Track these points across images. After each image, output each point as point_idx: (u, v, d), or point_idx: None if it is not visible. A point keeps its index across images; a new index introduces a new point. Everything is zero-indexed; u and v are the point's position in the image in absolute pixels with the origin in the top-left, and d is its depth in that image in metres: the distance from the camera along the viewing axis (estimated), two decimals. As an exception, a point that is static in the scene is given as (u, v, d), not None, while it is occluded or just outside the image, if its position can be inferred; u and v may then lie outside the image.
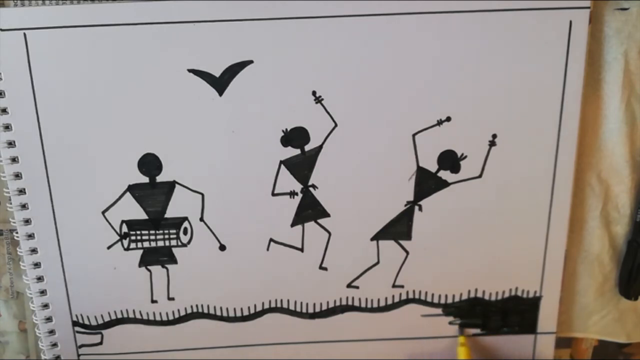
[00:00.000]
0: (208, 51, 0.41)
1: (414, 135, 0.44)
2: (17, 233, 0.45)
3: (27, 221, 0.45)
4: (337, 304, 0.48)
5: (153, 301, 0.47)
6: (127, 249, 0.46)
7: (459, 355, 0.48)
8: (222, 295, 0.47)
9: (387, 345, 0.49)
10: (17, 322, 0.49)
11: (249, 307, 0.48)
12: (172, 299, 0.47)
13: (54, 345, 0.48)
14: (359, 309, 0.48)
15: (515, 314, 0.49)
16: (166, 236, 0.46)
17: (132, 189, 0.44)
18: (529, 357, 0.50)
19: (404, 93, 0.43)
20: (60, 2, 0.41)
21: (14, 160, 0.43)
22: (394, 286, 0.48)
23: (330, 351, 0.49)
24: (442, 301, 0.48)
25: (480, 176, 0.45)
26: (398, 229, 0.46)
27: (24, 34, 0.40)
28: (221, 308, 0.48)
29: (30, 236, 0.45)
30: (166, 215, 0.45)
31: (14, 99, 0.42)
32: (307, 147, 0.44)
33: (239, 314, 0.48)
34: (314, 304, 0.48)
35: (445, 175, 0.45)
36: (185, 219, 0.45)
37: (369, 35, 0.41)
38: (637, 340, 0.50)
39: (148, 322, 0.48)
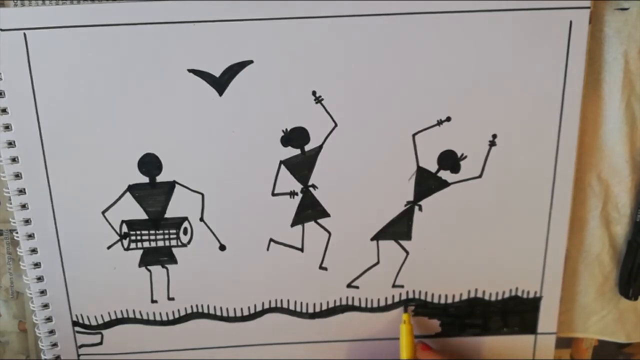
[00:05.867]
0: (208, 51, 0.41)
1: (414, 135, 0.44)
2: (17, 233, 0.45)
3: (27, 221, 0.45)
4: (337, 304, 0.48)
5: (153, 301, 0.47)
6: (127, 249, 0.46)
7: (401, 333, 0.47)
8: (222, 295, 0.47)
9: (386, 345, 0.49)
10: (17, 322, 0.49)
11: (249, 307, 0.48)
12: (172, 299, 0.47)
13: (54, 345, 0.48)
14: (359, 309, 0.48)
15: (515, 314, 0.49)
16: (166, 236, 0.46)
17: (132, 189, 0.44)
18: (529, 357, 0.50)
19: (404, 93, 0.43)
20: (60, 2, 0.41)
21: (14, 160, 0.43)
22: (394, 286, 0.48)
23: (330, 351, 0.49)
24: (442, 301, 0.48)
25: (480, 176, 0.45)
26: (398, 229, 0.46)
27: (24, 34, 0.40)
28: (221, 308, 0.48)
29: (30, 236, 0.45)
30: (166, 215, 0.45)
31: (14, 99, 0.42)
32: (307, 147, 0.44)
33: (239, 314, 0.48)
34: (314, 304, 0.48)
35: (445, 175, 0.45)
36: (185, 219, 0.45)
37: (369, 35, 0.41)
38: (637, 340, 0.50)
39: (148, 322, 0.48)
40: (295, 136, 0.44)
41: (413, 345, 0.46)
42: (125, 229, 0.45)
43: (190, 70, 0.42)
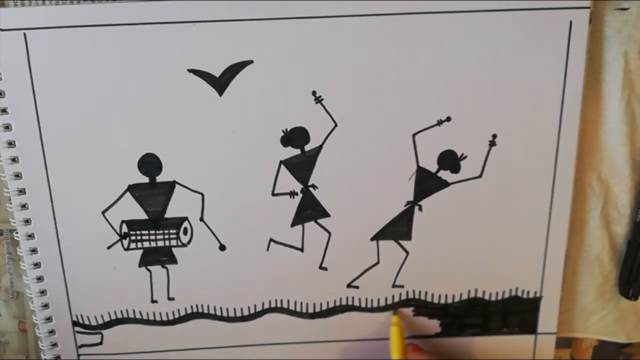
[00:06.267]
0: (208, 51, 0.41)
1: (414, 135, 0.44)
2: (17, 233, 0.45)
3: (27, 221, 0.45)
4: (337, 304, 0.48)
5: (153, 301, 0.47)
6: (127, 249, 0.46)
7: (391, 335, 0.47)
8: (222, 295, 0.47)
9: (387, 345, 0.49)
10: (17, 322, 0.49)
11: (249, 307, 0.48)
12: (172, 299, 0.47)
13: (54, 345, 0.48)
14: (359, 309, 0.48)
15: (515, 314, 0.49)
16: (166, 236, 0.46)
17: (132, 189, 0.44)
18: (529, 357, 0.50)
19: (404, 93, 0.43)
20: (60, 2, 0.41)
21: (14, 160, 0.43)
22: (394, 286, 0.48)
23: (330, 351, 0.49)
24: (442, 301, 0.48)
25: (480, 176, 0.45)
26: (398, 229, 0.46)
27: (24, 34, 0.40)
28: (221, 308, 0.48)
29: (30, 236, 0.45)
30: (166, 215, 0.45)
31: (14, 99, 0.42)
32: (307, 147, 0.44)
33: (239, 314, 0.48)
34: (314, 304, 0.48)
35: (445, 175, 0.45)
36: (185, 219, 0.45)
37: (369, 35, 0.41)
38: (637, 340, 0.50)
39: (148, 322, 0.48)
40: (295, 136, 0.44)
41: (403, 347, 0.46)
42: (125, 229, 0.45)
43: (190, 70, 0.42)
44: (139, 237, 0.46)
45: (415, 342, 0.49)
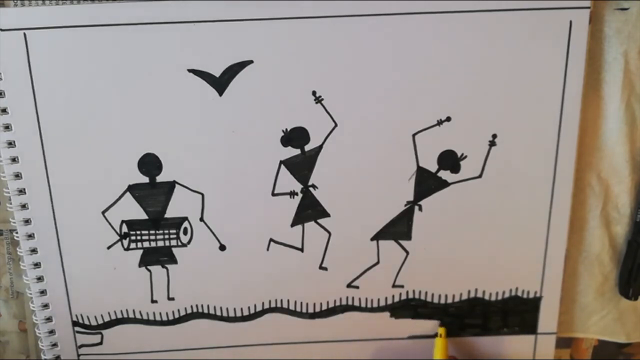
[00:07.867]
0: (208, 51, 0.41)
1: (414, 135, 0.44)
2: (17, 233, 0.45)
3: (27, 221, 0.45)
4: (337, 304, 0.48)
5: (153, 301, 0.47)
6: (127, 249, 0.46)
7: (436, 346, 0.47)
8: (222, 295, 0.47)
9: (387, 345, 0.49)
10: (17, 322, 0.49)
11: (249, 307, 0.48)
12: (172, 299, 0.47)
13: (54, 345, 0.48)
14: (359, 309, 0.48)
15: (515, 314, 0.49)
16: (166, 236, 0.46)
17: (132, 189, 0.44)
18: (529, 357, 0.50)
19: (404, 93, 0.43)
20: (60, 2, 0.41)
21: (14, 160, 0.43)
22: (394, 286, 0.48)
23: (330, 351, 0.49)
24: (442, 301, 0.48)
25: (480, 176, 0.45)
26: (398, 229, 0.46)
27: (24, 34, 0.40)
28: (221, 308, 0.48)
29: (30, 236, 0.45)
30: (166, 215, 0.45)
31: (14, 99, 0.42)
32: (307, 147, 0.44)
33: (239, 314, 0.48)
34: (314, 304, 0.48)
35: (445, 175, 0.45)
36: (185, 219, 0.45)
37: (369, 35, 0.41)
38: (637, 340, 0.50)
39: (148, 322, 0.48)
40: (295, 136, 0.44)
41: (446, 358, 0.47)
42: (125, 229, 0.45)
43: (190, 70, 0.42)
44: (139, 237, 0.46)
45: (417, 342, 0.49)
